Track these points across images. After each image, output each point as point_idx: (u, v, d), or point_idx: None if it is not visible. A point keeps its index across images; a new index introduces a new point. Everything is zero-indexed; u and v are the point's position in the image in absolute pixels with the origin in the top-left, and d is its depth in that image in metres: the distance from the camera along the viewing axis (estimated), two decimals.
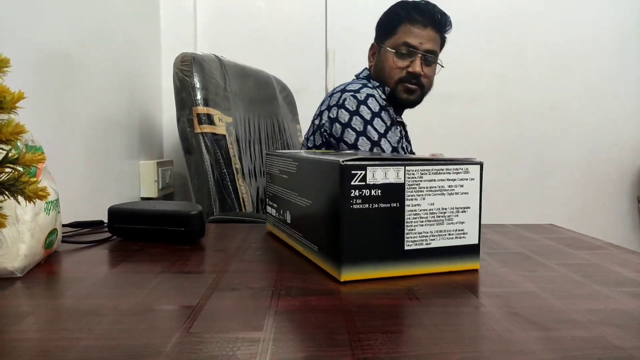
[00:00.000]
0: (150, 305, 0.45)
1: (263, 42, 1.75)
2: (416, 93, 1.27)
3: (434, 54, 1.25)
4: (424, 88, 1.28)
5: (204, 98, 1.26)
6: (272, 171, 0.72)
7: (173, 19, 1.69)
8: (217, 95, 1.30)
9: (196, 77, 1.25)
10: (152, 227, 0.72)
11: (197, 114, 1.24)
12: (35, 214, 0.55)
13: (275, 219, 0.73)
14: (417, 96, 1.28)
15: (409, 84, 1.25)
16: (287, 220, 0.67)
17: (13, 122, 0.41)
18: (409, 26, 1.23)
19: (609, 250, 0.70)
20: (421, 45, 1.23)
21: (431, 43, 1.24)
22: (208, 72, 1.29)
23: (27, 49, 0.90)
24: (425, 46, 1.23)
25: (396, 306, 0.45)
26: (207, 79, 1.28)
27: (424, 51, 1.23)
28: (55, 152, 0.66)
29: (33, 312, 0.44)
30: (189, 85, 1.24)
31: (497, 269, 0.59)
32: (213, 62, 1.35)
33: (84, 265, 0.60)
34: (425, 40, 1.23)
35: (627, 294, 0.50)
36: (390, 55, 1.25)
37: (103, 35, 1.23)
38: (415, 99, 1.28)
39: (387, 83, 1.27)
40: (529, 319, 0.43)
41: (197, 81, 1.25)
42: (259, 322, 0.41)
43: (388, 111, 1.22)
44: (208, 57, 1.36)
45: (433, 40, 1.24)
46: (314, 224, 0.58)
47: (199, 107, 1.25)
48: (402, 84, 1.25)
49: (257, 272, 0.57)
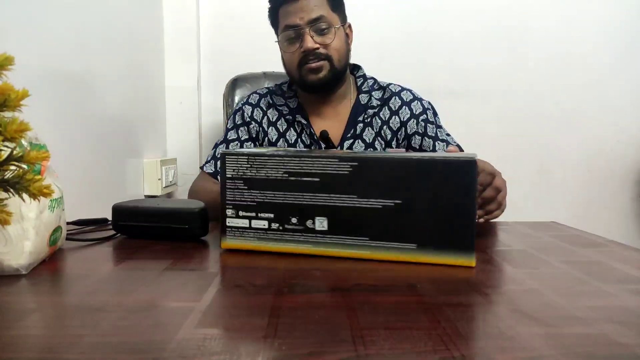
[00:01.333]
0: (154, 302, 0.45)
1: (267, 41, 1.75)
2: (324, 69, 1.10)
3: (322, 20, 1.08)
4: (331, 58, 1.10)
5: None
6: (257, 176, 0.63)
7: (176, 18, 1.69)
8: (235, 114, 1.48)
9: (236, 96, 1.51)
10: (156, 224, 0.72)
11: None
12: (39, 212, 0.56)
13: (263, 230, 0.63)
14: (327, 71, 1.10)
15: (310, 64, 1.09)
16: (314, 227, 0.61)
17: (17, 120, 0.41)
18: (283, 8, 1.11)
19: (611, 247, 0.70)
20: (302, 19, 1.08)
21: (313, 11, 1.08)
22: (248, 88, 1.51)
23: (32, 48, 0.90)
24: (307, 17, 1.08)
25: (399, 303, 0.45)
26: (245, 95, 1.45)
27: (307, 23, 1.08)
28: (59, 150, 0.66)
29: (38, 309, 0.44)
30: (226, 103, 1.52)
31: (499, 266, 0.59)
32: (256, 78, 1.54)
33: (89, 263, 0.60)
34: (304, 13, 1.08)
35: (629, 291, 0.50)
36: (282, 46, 1.14)
37: (107, 34, 1.24)
38: (327, 75, 1.11)
39: (292, 74, 1.14)
40: (532, 316, 0.43)
41: (235, 98, 1.50)
42: (262, 319, 0.41)
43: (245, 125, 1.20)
44: (252, 75, 1.54)
45: (314, 7, 1.08)
46: (408, 222, 0.59)
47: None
48: (304, 67, 1.10)
49: (260, 269, 0.57)
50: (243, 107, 1.23)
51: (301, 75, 1.12)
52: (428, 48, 1.77)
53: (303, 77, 1.12)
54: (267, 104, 1.22)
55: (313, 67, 1.09)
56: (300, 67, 1.11)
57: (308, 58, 1.09)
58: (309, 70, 1.10)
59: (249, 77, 1.53)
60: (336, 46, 1.11)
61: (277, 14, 1.14)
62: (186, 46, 1.69)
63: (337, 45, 1.11)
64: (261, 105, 1.22)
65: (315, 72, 1.10)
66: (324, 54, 1.10)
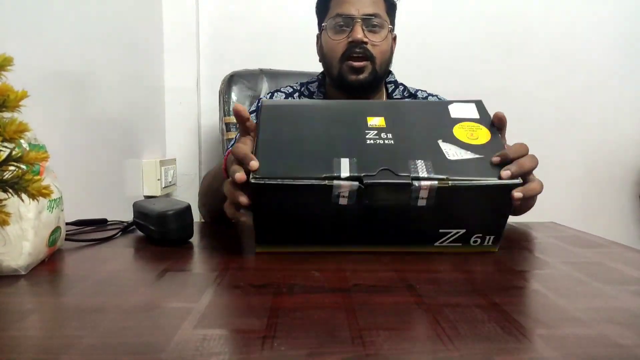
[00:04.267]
0: (153, 303, 0.45)
1: (267, 40, 1.75)
2: (366, 70, 1.04)
3: (376, 17, 1.04)
4: (375, 60, 1.05)
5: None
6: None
7: (176, 18, 1.69)
8: (251, 105, 1.44)
9: (233, 92, 1.48)
10: (148, 225, 0.72)
11: (226, 123, 1.47)
12: (38, 212, 0.55)
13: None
14: (368, 73, 1.05)
15: (354, 61, 1.04)
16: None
17: (17, 121, 0.41)
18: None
19: (611, 248, 0.70)
20: (357, 11, 1.03)
21: (370, 6, 1.04)
22: (245, 85, 1.50)
23: (31, 48, 0.90)
24: (362, 10, 1.03)
25: (398, 303, 0.45)
26: (242, 92, 1.49)
27: (362, 16, 1.03)
28: (58, 150, 0.66)
29: (36, 310, 0.44)
30: (223, 100, 1.49)
31: (499, 267, 0.59)
32: (254, 76, 1.52)
33: (87, 263, 0.60)
34: (360, 4, 1.04)
35: (629, 292, 0.50)
36: (328, 33, 1.07)
37: (107, 35, 1.24)
38: (368, 77, 1.05)
39: (331, 66, 1.08)
40: (532, 317, 0.43)
41: (232, 95, 1.48)
42: (261, 320, 0.41)
43: None
44: (250, 72, 1.53)
45: (372, 2, 1.05)
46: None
47: (228, 117, 1.47)
48: (346, 62, 1.04)
49: (259, 269, 0.57)
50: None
51: (341, 71, 1.06)
52: (428, 52, 1.77)
53: (343, 74, 1.06)
54: None
55: (355, 67, 1.04)
56: (342, 61, 1.05)
57: (354, 50, 1.04)
58: (350, 67, 1.05)
59: (246, 73, 1.52)
60: (383, 49, 1.06)
61: (329, 1, 1.09)
62: (186, 47, 1.69)
63: (384, 48, 1.07)
64: None
65: (356, 71, 1.05)
66: (370, 53, 1.04)
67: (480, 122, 0.67)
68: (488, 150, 0.62)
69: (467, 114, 0.68)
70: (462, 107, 0.69)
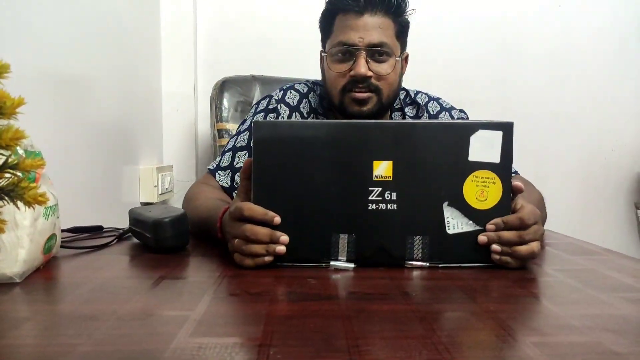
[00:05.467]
0: (149, 310, 0.45)
1: (264, 48, 1.76)
2: (370, 102, 0.95)
3: (383, 46, 0.94)
4: (381, 92, 0.96)
5: (225, 115, 1.45)
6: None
7: (173, 25, 1.70)
8: (243, 112, 1.46)
9: (225, 99, 1.46)
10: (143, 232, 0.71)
11: (218, 130, 1.45)
12: (34, 219, 0.55)
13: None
14: (372, 105, 0.96)
15: (356, 93, 0.94)
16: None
17: (13, 128, 0.41)
18: (342, 18, 0.95)
19: (605, 255, 0.71)
20: (362, 40, 0.92)
21: (376, 33, 0.93)
22: (237, 91, 1.47)
23: (28, 55, 0.90)
24: (367, 39, 0.92)
25: (394, 311, 0.45)
26: (234, 99, 1.46)
27: (366, 46, 0.93)
28: (54, 157, 0.66)
29: (32, 318, 0.44)
30: (215, 106, 1.47)
31: (493, 274, 0.60)
32: (246, 82, 1.50)
33: (83, 271, 0.60)
34: (365, 32, 0.92)
35: (623, 299, 0.50)
36: (328, 61, 0.97)
37: (104, 41, 1.24)
38: (372, 109, 0.96)
39: (332, 96, 0.98)
40: (526, 324, 0.43)
41: (224, 101, 1.46)
42: (257, 328, 0.41)
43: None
44: (242, 78, 1.50)
45: (379, 28, 0.93)
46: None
47: (220, 124, 1.44)
48: (348, 94, 0.95)
49: (256, 277, 0.57)
50: (278, 106, 1.04)
51: (343, 101, 0.97)
52: (425, 58, 1.78)
53: (345, 105, 0.97)
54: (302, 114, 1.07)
55: (358, 98, 0.95)
56: (344, 93, 0.96)
57: (356, 85, 0.95)
58: (352, 99, 0.96)
59: (238, 79, 1.50)
60: (390, 79, 0.97)
61: (332, 20, 0.97)
62: (183, 53, 1.69)
63: (392, 79, 0.97)
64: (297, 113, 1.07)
65: (360, 103, 0.96)
66: (375, 86, 0.95)
67: (498, 171, 0.62)
68: (491, 218, 0.62)
69: (487, 153, 0.61)
70: (486, 139, 0.61)
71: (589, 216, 1.93)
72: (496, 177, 0.61)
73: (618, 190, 1.95)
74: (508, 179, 0.62)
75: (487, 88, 1.84)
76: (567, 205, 1.91)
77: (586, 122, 1.90)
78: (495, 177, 0.61)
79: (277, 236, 0.59)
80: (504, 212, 0.62)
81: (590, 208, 1.93)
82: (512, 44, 1.83)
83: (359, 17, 0.93)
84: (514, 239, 0.60)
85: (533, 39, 1.84)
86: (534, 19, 1.84)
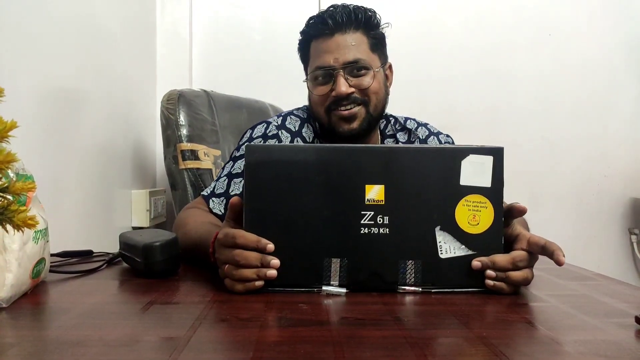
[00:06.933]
0: (136, 336, 0.45)
1: (259, 74, 1.78)
2: (358, 117, 0.95)
3: (359, 62, 0.95)
4: (368, 104, 0.96)
5: (188, 134, 1.29)
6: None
7: (169, 51, 1.72)
8: (204, 130, 1.33)
9: (181, 115, 1.29)
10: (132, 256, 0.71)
11: (181, 151, 1.28)
12: (23, 243, 0.55)
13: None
14: (362, 120, 0.96)
15: (341, 110, 0.95)
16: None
17: (4, 151, 0.41)
18: (315, 44, 0.97)
19: (598, 281, 0.71)
20: (337, 60, 0.94)
21: (349, 51, 0.94)
22: (194, 108, 1.32)
23: (23, 80, 0.91)
24: (342, 59, 0.94)
25: (386, 337, 0.45)
26: (192, 115, 1.31)
27: (342, 65, 0.94)
28: (46, 181, 0.66)
29: (17, 344, 0.43)
30: (173, 123, 1.29)
31: (486, 300, 0.59)
32: (200, 97, 1.37)
33: (71, 296, 0.59)
34: (339, 53, 0.94)
35: (616, 324, 0.50)
36: (310, 86, 0.99)
37: (99, 67, 1.25)
38: (361, 124, 0.96)
39: (319, 118, 0.99)
40: (520, 350, 0.42)
41: (182, 118, 1.29)
42: (246, 354, 0.40)
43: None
44: (195, 93, 1.38)
45: (351, 46, 0.95)
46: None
47: (183, 144, 1.28)
48: (334, 112, 0.96)
49: (246, 302, 0.56)
50: (279, 132, 1.02)
51: (330, 121, 0.97)
52: (417, 84, 1.81)
53: (333, 125, 0.97)
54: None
55: (345, 115, 0.95)
56: (329, 112, 0.96)
57: (340, 103, 0.95)
58: (340, 117, 0.95)
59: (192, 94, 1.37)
60: (374, 89, 0.97)
61: (308, 48, 1.00)
62: (178, 80, 1.71)
63: (376, 88, 0.97)
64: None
65: (348, 120, 0.95)
66: (360, 99, 0.96)
67: (489, 195, 0.62)
68: (483, 242, 0.62)
69: (478, 177, 0.62)
70: (477, 163, 0.62)
71: (583, 242, 1.93)
72: (488, 201, 0.62)
73: (611, 216, 1.96)
74: (500, 203, 0.62)
75: (479, 116, 1.86)
76: (560, 231, 1.91)
77: (578, 149, 1.92)
78: (487, 202, 0.62)
79: (268, 260, 0.58)
80: (496, 236, 0.62)
81: (584, 234, 1.94)
82: (503, 70, 1.87)
83: (331, 39, 0.95)
84: (507, 265, 0.60)
85: (524, 67, 1.88)
86: (524, 47, 1.87)
